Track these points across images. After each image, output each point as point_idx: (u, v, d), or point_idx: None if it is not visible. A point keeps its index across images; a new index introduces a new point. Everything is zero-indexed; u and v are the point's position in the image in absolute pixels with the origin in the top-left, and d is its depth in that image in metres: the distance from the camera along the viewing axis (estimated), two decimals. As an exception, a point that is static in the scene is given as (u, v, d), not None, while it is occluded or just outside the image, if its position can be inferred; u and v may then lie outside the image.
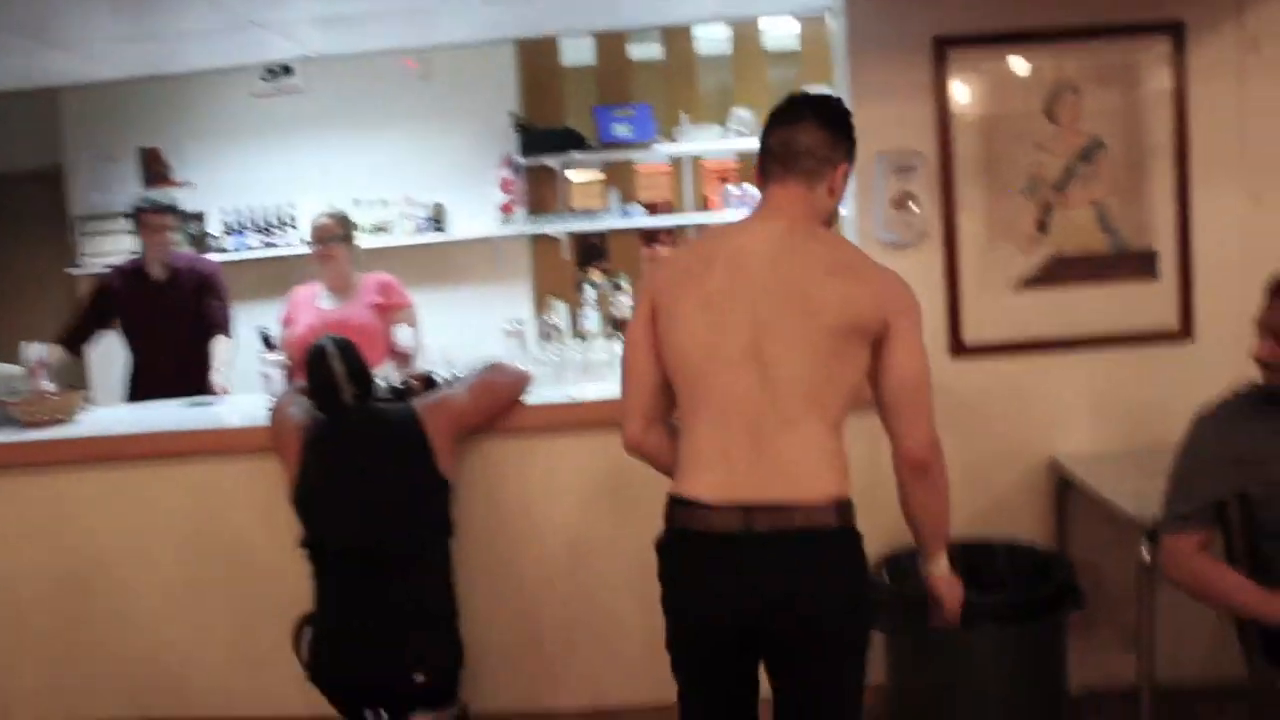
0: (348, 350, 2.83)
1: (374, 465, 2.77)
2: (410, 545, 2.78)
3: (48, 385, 3.70)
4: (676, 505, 1.99)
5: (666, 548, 2.03)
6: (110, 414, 3.96)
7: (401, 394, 3.04)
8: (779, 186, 2.01)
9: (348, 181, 5.52)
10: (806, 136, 1.99)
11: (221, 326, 4.36)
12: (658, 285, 2.04)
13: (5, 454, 3.31)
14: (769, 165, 2.03)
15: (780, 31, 5.61)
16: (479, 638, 3.03)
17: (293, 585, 2.95)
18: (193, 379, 4.17)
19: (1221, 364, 2.72)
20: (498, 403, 3.04)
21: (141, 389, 4.27)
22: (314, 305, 4.15)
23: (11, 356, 3.83)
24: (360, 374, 2.83)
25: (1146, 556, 2.51)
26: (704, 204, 5.71)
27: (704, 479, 1.95)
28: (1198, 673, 3.11)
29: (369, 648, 2.68)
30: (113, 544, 3.31)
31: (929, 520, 2.09)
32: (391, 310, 4.12)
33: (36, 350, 3.75)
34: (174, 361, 4.25)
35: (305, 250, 4.39)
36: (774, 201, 2.02)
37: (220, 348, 4.28)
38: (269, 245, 5.57)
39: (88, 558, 3.32)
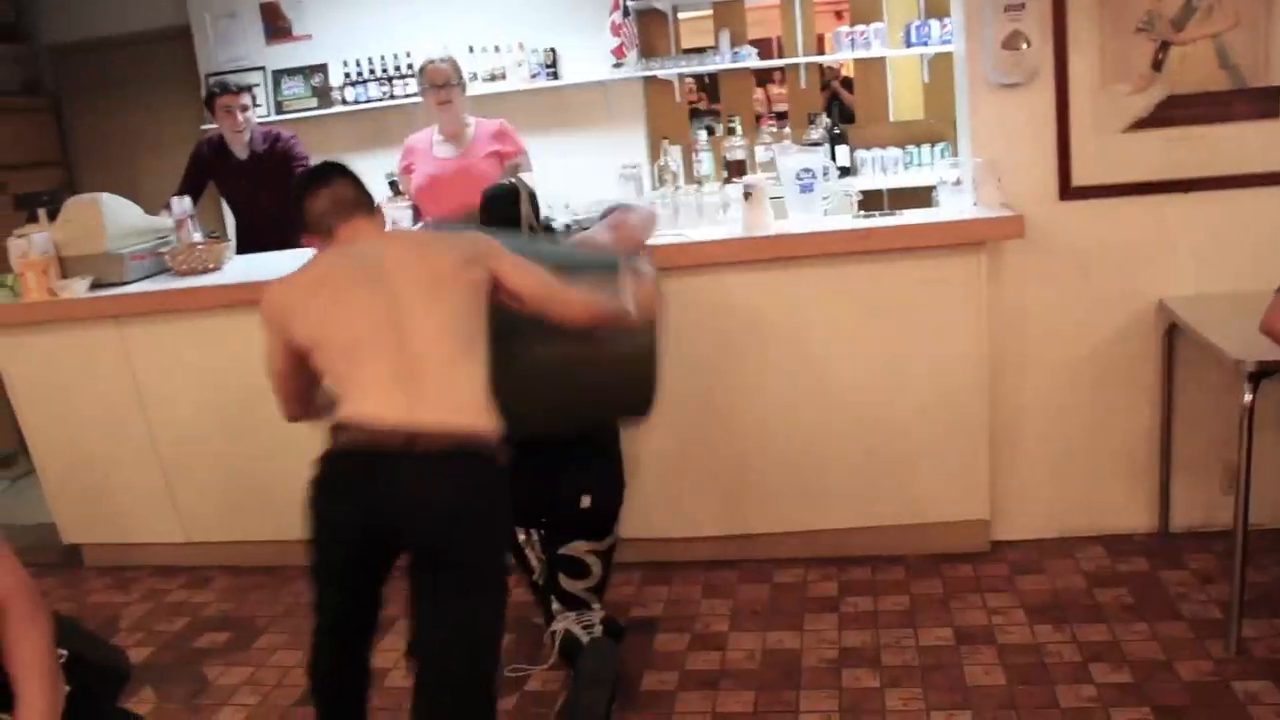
0: (533, 197, 2.98)
1: None
2: None
3: (195, 236, 3.96)
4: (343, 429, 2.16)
5: (329, 459, 2.18)
6: (253, 261, 4.22)
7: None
8: (347, 226, 2.34)
9: (463, 29, 5.58)
10: (344, 189, 2.37)
11: None
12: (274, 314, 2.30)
13: (163, 300, 3.60)
14: (327, 222, 2.35)
15: None
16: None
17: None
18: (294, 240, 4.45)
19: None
20: (635, 242, 3.11)
21: (247, 248, 4.55)
22: (431, 154, 4.30)
23: (156, 210, 4.11)
24: (539, 218, 2.98)
25: (1248, 397, 2.56)
26: (816, 45, 5.63)
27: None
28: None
29: (543, 471, 2.76)
30: (261, 381, 3.57)
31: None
32: (507, 157, 4.25)
33: (184, 204, 4.01)
34: (272, 225, 4.51)
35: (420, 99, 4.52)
36: (348, 234, 2.34)
37: None
38: (389, 96, 5.70)
39: (242, 393, 3.62)
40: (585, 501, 2.80)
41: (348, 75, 5.76)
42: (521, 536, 2.88)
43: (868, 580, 3.25)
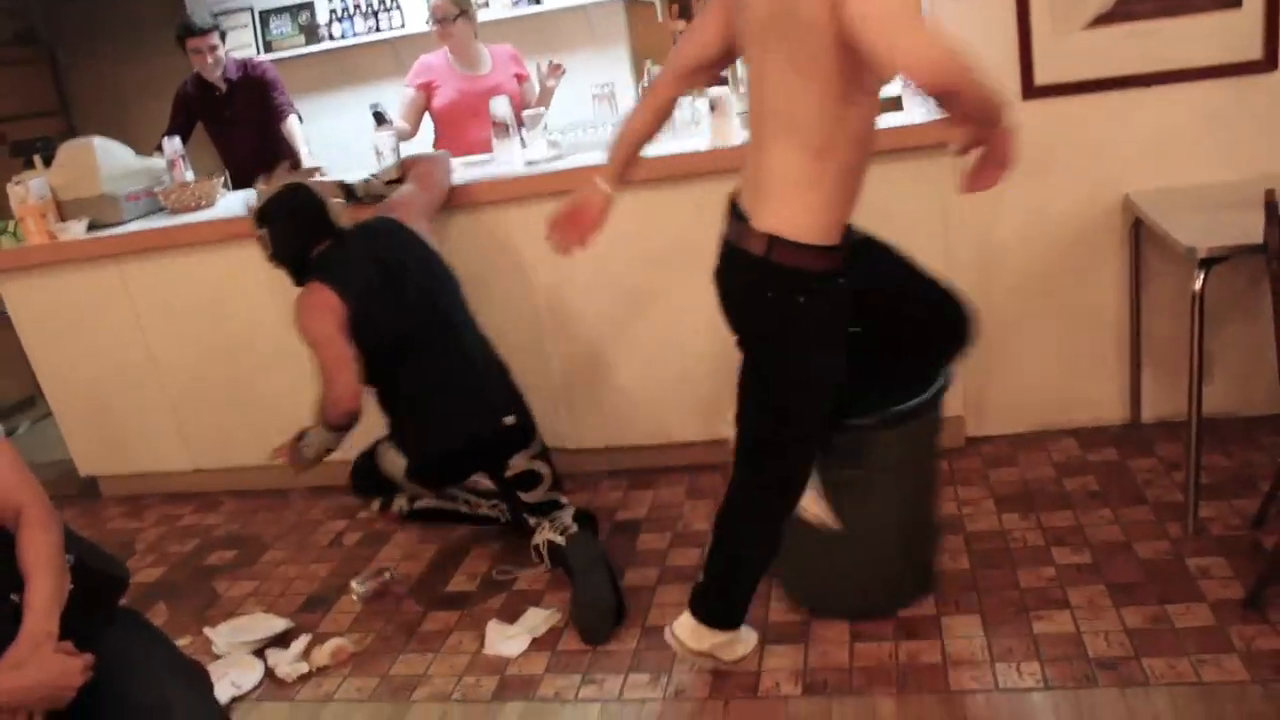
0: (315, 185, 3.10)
1: (399, 262, 2.98)
2: (461, 308, 3.09)
3: (187, 175, 4.07)
4: None
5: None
6: (243, 196, 4.32)
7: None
8: None
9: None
10: None
11: (287, 112, 4.75)
12: None
13: (159, 238, 3.71)
14: None
15: None
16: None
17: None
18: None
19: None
20: (442, 187, 3.34)
21: (236, 181, 4.66)
22: (455, 71, 4.39)
23: (150, 153, 4.21)
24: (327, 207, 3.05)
25: (1197, 286, 2.63)
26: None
27: None
28: (1262, 402, 3.28)
29: (466, 407, 3.00)
30: (258, 313, 3.72)
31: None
32: (522, 80, 4.37)
33: (174, 145, 4.11)
34: (259, 154, 4.62)
35: (409, 32, 4.59)
36: None
37: (294, 129, 4.69)
38: (375, 29, 5.74)
39: (241, 324, 3.75)
40: (509, 420, 3.00)
41: (334, 12, 5.80)
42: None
43: (845, 479, 3.36)
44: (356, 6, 5.75)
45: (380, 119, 3.98)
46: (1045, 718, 2.18)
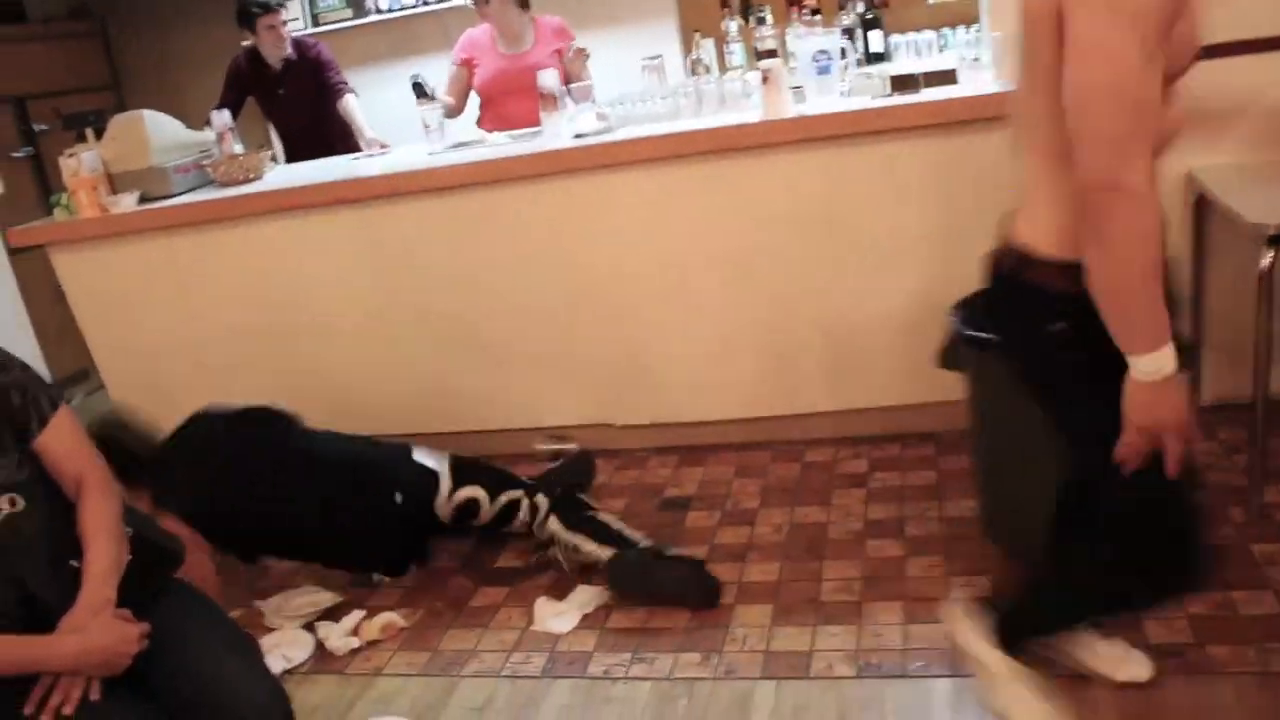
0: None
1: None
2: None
3: (236, 148, 4.08)
4: None
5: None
6: (293, 169, 4.34)
7: None
8: None
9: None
10: None
11: (343, 90, 4.75)
12: None
13: (208, 210, 3.72)
14: None
15: None
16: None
17: (465, 311, 3.34)
18: (334, 142, 4.60)
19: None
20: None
21: (288, 156, 4.68)
22: (496, 49, 4.36)
23: (199, 126, 4.23)
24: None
25: (1265, 263, 2.55)
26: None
27: None
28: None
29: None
30: (308, 283, 3.73)
31: (1097, 294, 1.56)
32: (560, 56, 4.32)
33: (223, 118, 4.12)
34: (312, 130, 4.64)
35: (457, 3, 4.57)
36: None
37: (352, 107, 4.70)
38: (423, 2, 5.71)
39: (288, 296, 3.76)
40: (398, 498, 2.98)
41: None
42: None
43: (897, 457, 3.32)
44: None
45: (420, 90, 3.98)
46: (1107, 704, 2.14)
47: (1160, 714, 2.10)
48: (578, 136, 3.48)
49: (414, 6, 5.70)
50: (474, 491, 3.01)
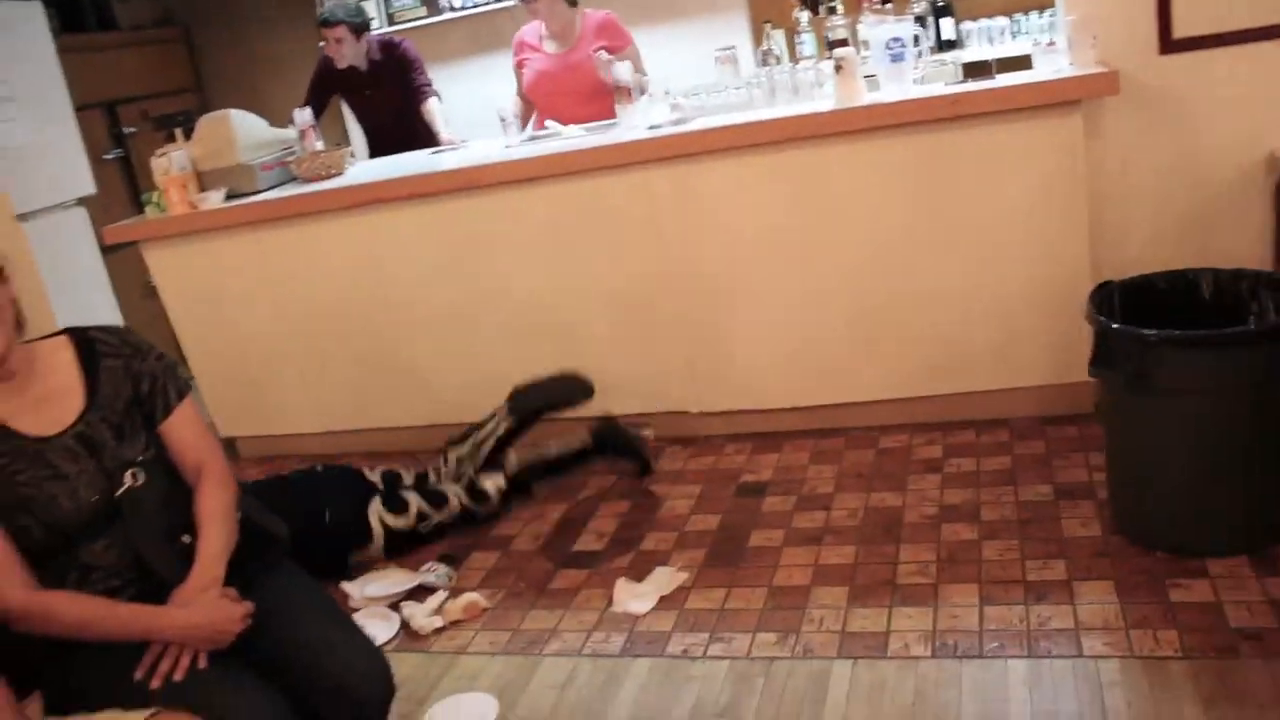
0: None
1: None
2: None
3: (318, 145, 4.20)
4: None
5: None
6: (373, 165, 4.44)
7: None
8: None
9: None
10: None
11: (427, 93, 4.82)
12: None
13: (293, 205, 3.84)
14: None
15: None
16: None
17: (544, 300, 3.41)
18: (418, 140, 4.69)
19: None
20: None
21: (374, 151, 4.76)
22: (541, 49, 4.42)
23: (282, 125, 4.35)
24: None
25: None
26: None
27: None
28: None
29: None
30: (389, 277, 3.83)
31: None
32: (614, 51, 4.33)
33: (305, 115, 4.24)
34: (397, 129, 4.72)
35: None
36: None
37: (434, 111, 4.77)
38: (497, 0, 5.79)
39: (371, 288, 3.86)
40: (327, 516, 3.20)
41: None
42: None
43: (972, 443, 3.32)
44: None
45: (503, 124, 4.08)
46: (1184, 686, 2.14)
47: (1240, 695, 2.09)
48: (652, 128, 3.52)
49: (487, 3, 5.78)
50: (411, 497, 3.30)
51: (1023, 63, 3.25)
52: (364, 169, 4.24)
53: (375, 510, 3.24)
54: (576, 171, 3.49)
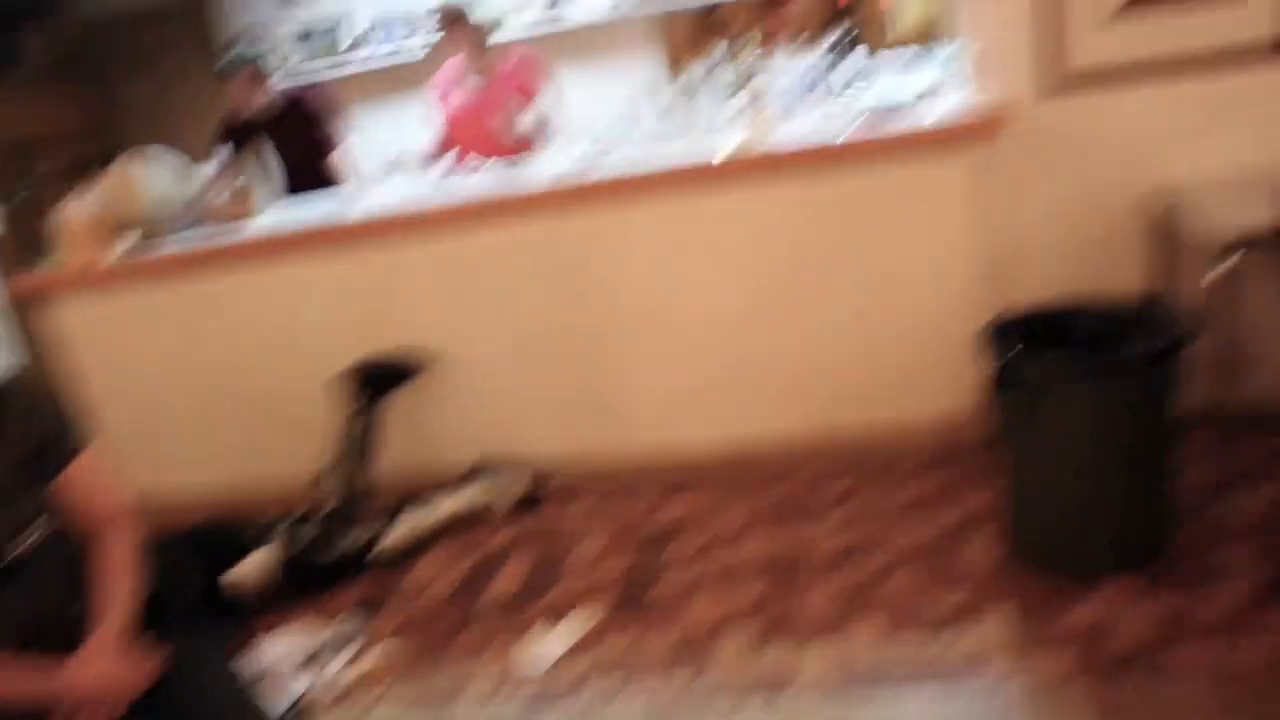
0: None
1: None
2: None
3: (231, 191, 4.16)
4: None
5: None
6: (287, 208, 4.41)
7: None
8: None
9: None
10: None
11: (334, 145, 4.80)
12: None
13: (203, 251, 3.79)
14: None
15: None
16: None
17: (451, 352, 3.39)
18: (334, 182, 4.67)
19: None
20: None
21: (294, 192, 4.72)
22: (461, 84, 4.45)
23: (193, 169, 4.31)
24: None
25: (1223, 267, 2.63)
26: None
27: None
28: None
29: None
30: (297, 326, 3.81)
31: None
32: (529, 90, 4.38)
33: (219, 160, 4.21)
34: (310, 173, 4.69)
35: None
36: None
37: (340, 164, 4.76)
38: (401, 51, 5.78)
39: (281, 335, 3.83)
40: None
41: (360, 34, 5.86)
42: None
43: (876, 475, 3.38)
44: (383, 27, 5.80)
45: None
46: (1083, 706, 2.19)
47: (1130, 711, 2.15)
48: (561, 172, 3.54)
49: (393, 56, 5.77)
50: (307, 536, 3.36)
51: (931, 94, 3.33)
52: (278, 212, 4.21)
53: (266, 553, 3.22)
54: (479, 217, 3.51)
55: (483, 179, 3.81)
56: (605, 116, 4.27)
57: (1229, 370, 2.80)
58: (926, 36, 5.35)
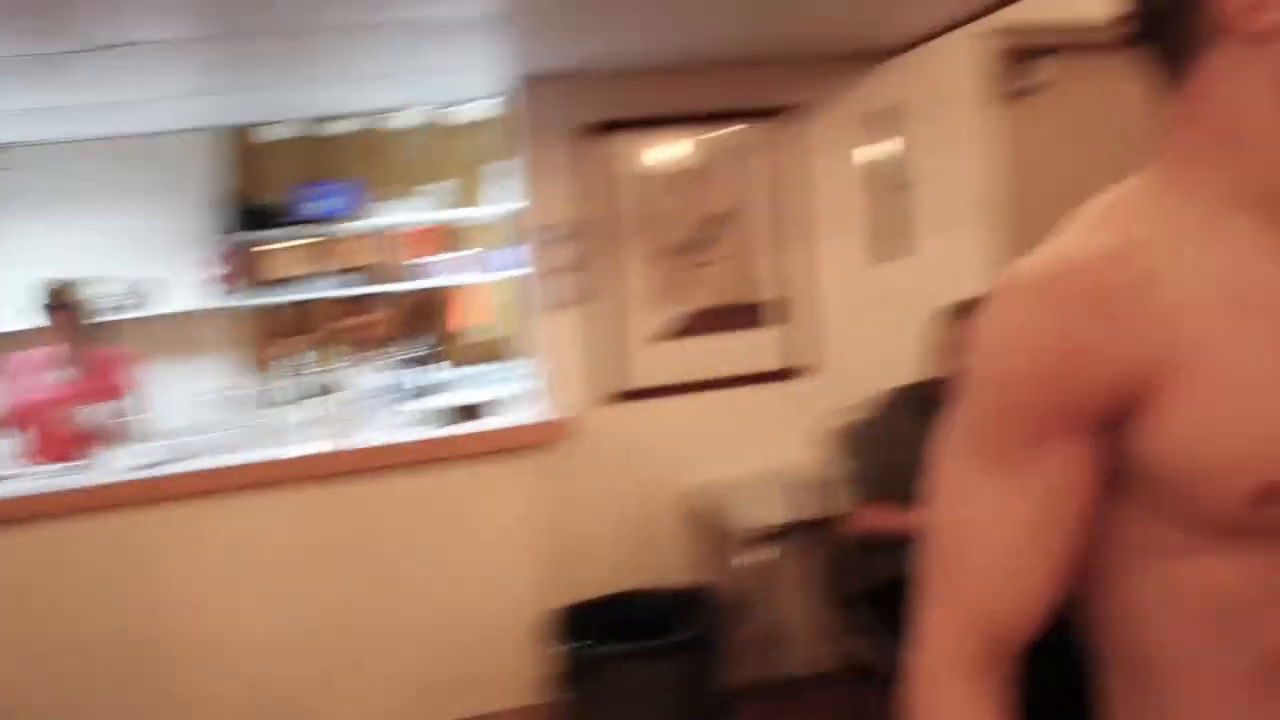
0: None
1: None
2: None
3: None
4: None
5: None
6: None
7: None
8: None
9: (53, 261, 5.41)
10: None
11: None
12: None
13: None
14: None
15: (473, 108, 5.93)
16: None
17: None
18: None
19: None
20: None
21: None
22: (44, 374, 4.14)
23: None
24: None
25: (746, 563, 3.06)
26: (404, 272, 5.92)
27: None
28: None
29: None
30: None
31: None
32: (114, 390, 4.17)
33: None
34: None
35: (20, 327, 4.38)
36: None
37: None
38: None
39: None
40: None
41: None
42: None
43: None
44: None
45: None
46: None
47: None
48: (133, 469, 3.40)
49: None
50: None
51: (505, 407, 3.60)
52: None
53: None
54: (45, 515, 3.27)
55: (51, 475, 3.56)
56: (187, 411, 4.15)
57: (768, 646, 3.16)
58: (502, 352, 5.75)
